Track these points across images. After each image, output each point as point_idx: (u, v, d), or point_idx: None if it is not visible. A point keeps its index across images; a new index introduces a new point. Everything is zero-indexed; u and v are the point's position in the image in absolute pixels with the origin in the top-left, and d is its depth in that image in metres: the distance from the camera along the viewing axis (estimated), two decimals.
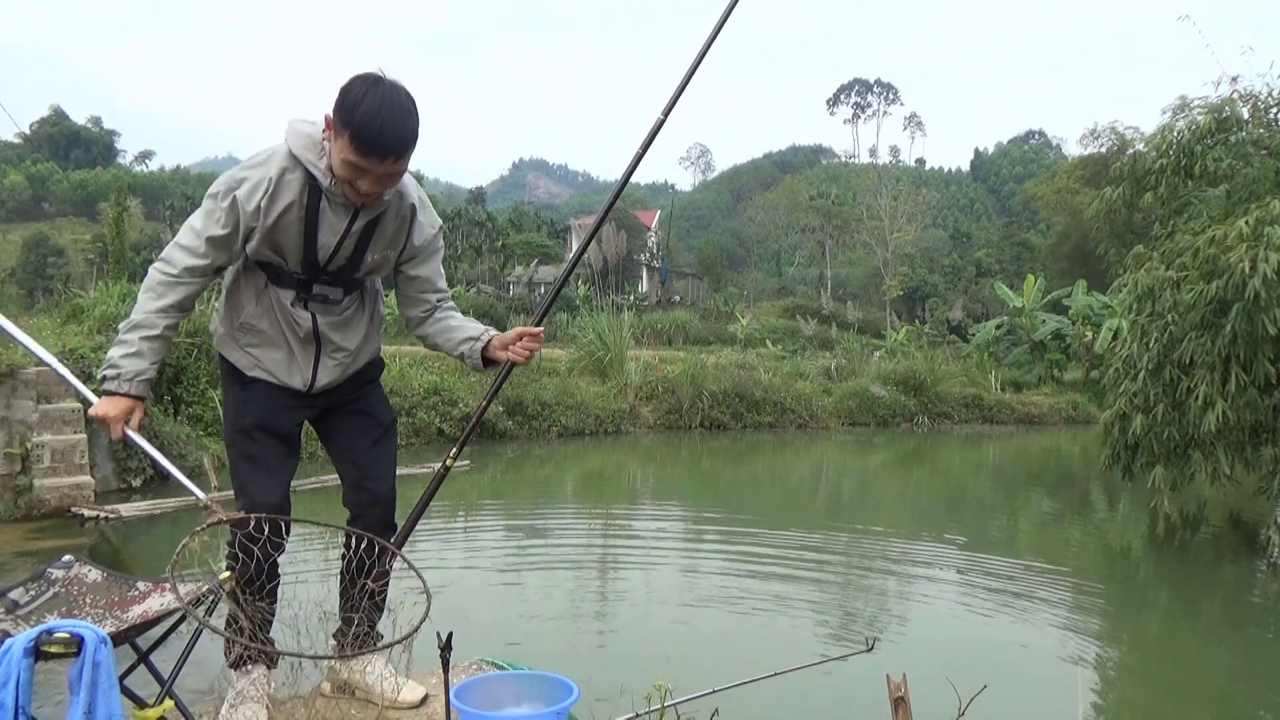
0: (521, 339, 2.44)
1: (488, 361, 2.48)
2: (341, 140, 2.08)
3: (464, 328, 2.51)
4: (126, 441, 2.29)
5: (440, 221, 2.52)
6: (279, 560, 2.37)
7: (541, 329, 2.46)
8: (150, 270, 2.25)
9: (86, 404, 2.34)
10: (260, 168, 2.19)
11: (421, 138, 2.16)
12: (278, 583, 2.36)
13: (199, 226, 2.21)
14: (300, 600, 2.36)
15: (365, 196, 2.17)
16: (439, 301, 2.54)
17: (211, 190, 2.22)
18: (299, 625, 2.35)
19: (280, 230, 2.21)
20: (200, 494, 2.31)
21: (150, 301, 2.21)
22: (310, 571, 4.35)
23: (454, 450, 2.52)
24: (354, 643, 2.42)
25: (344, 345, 2.43)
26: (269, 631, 2.33)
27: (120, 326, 2.25)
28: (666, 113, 2.60)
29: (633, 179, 2.72)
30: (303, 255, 2.26)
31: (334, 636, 2.55)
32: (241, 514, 2.23)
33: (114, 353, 2.21)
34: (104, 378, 2.22)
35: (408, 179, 2.30)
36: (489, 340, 2.47)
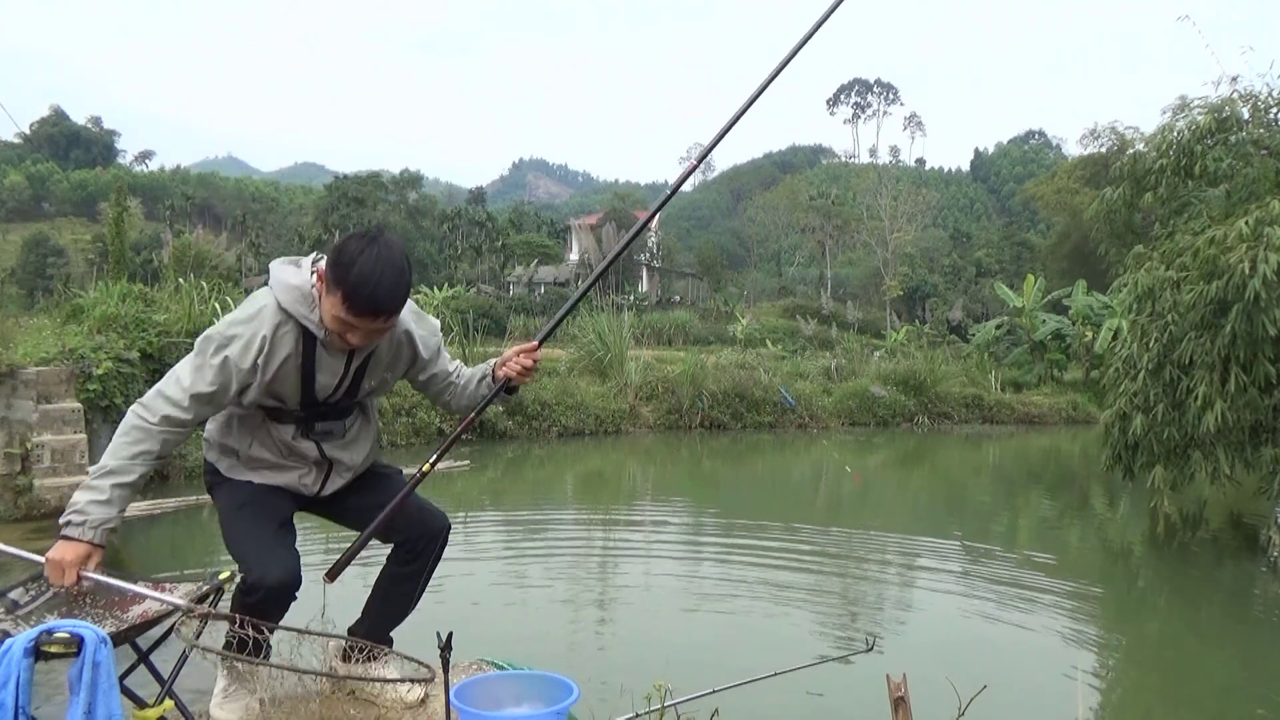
0: (517, 355, 2.43)
1: (509, 389, 2.50)
2: (334, 297, 2.09)
3: (474, 375, 2.54)
4: (79, 587, 2.10)
5: (437, 322, 2.55)
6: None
7: (537, 346, 2.44)
8: (129, 413, 2.17)
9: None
10: (251, 323, 2.17)
11: (421, 138, 2.18)
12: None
13: (186, 382, 2.15)
14: (303, 599, 2.35)
15: (355, 347, 2.21)
16: (457, 373, 2.57)
17: (201, 343, 2.18)
18: (303, 624, 2.35)
19: (279, 380, 2.23)
20: (179, 601, 2.18)
21: (126, 447, 2.12)
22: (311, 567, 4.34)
23: (433, 457, 2.45)
24: (359, 654, 2.44)
25: (352, 463, 2.47)
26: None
27: (92, 470, 2.16)
28: (701, 159, 2.78)
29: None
30: (301, 397, 2.29)
31: (349, 631, 2.56)
32: (226, 614, 2.15)
33: (81, 497, 2.08)
34: (67, 522, 2.06)
35: None
36: (493, 368, 2.50)
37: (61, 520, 2.07)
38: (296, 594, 2.28)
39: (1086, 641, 4.75)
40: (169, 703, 2.20)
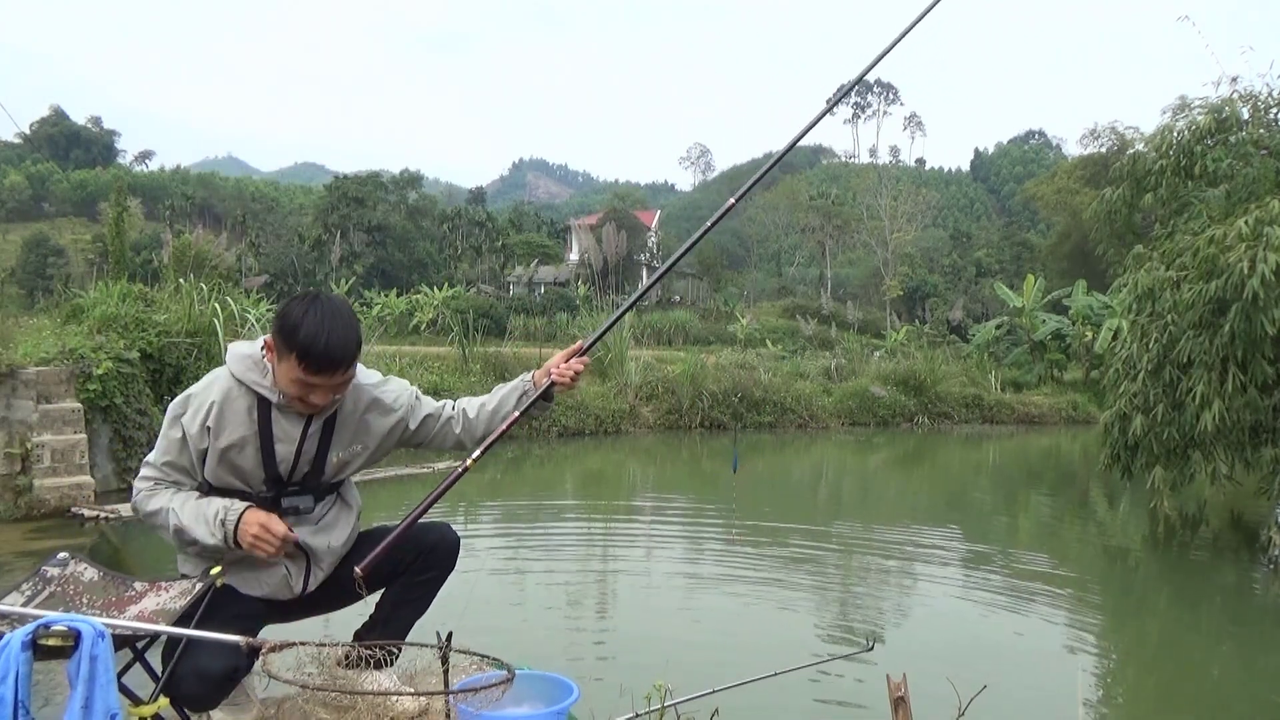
0: (569, 359, 2.43)
1: (545, 397, 2.46)
2: (288, 362, 2.11)
3: (505, 392, 2.48)
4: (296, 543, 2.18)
5: (408, 384, 2.47)
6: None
7: (585, 350, 2.44)
8: (137, 510, 2.25)
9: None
10: (203, 393, 2.22)
11: (421, 138, 2.18)
12: None
13: (155, 457, 2.24)
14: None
15: (318, 408, 2.20)
16: (455, 409, 2.50)
17: (167, 413, 2.26)
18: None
19: (235, 449, 2.20)
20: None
21: (161, 500, 2.21)
22: None
23: (476, 453, 2.40)
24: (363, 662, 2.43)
25: (331, 549, 2.37)
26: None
27: (180, 535, 2.18)
28: (739, 198, 2.75)
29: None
30: (264, 473, 2.24)
31: (355, 636, 2.54)
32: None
33: (208, 521, 2.13)
34: (222, 522, 2.12)
35: (358, 370, 2.30)
36: (532, 377, 2.48)
37: (220, 537, 2.11)
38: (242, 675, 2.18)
39: (1086, 641, 4.75)
40: (164, 700, 2.19)
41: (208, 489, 2.25)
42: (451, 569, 2.56)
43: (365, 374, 2.37)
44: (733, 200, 2.72)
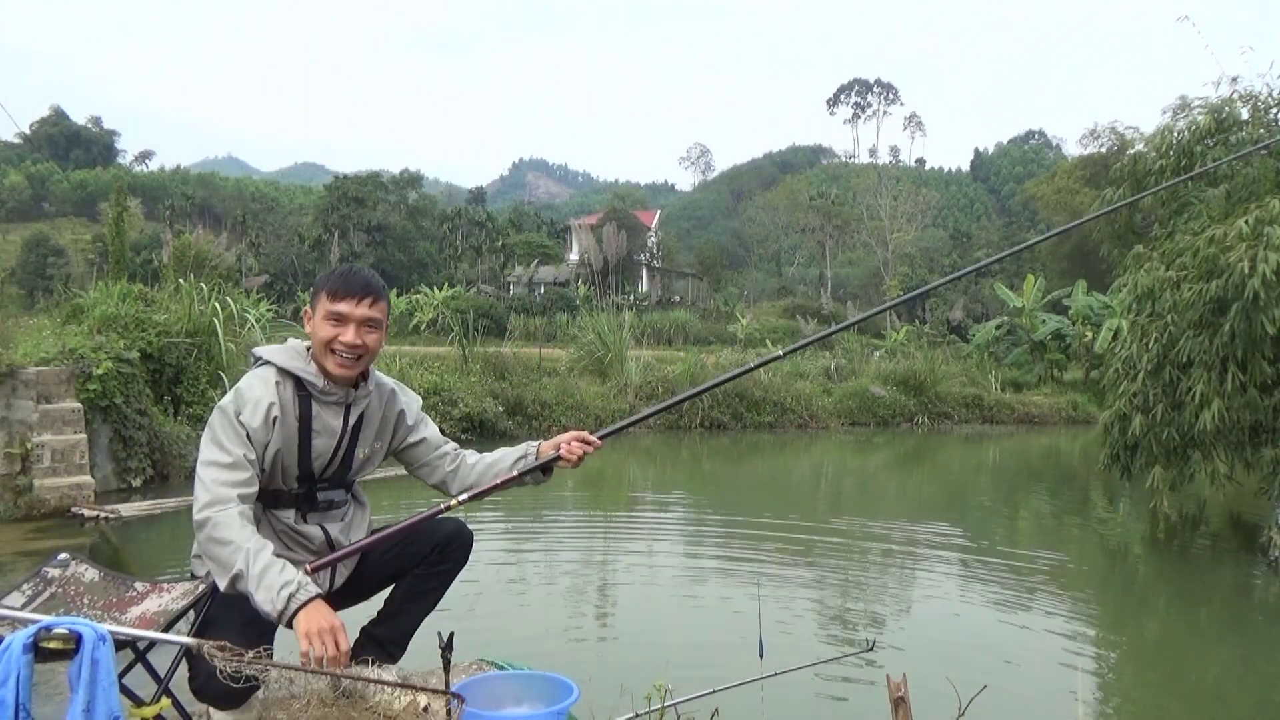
0: (577, 440, 2.45)
1: (544, 469, 2.49)
2: (320, 302, 2.28)
3: (507, 453, 2.53)
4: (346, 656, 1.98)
5: (419, 398, 2.60)
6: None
7: (600, 440, 2.47)
8: (204, 525, 2.08)
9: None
10: (252, 390, 2.23)
11: (421, 138, 2.23)
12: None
13: (216, 472, 2.13)
14: None
15: (349, 353, 2.25)
16: (455, 450, 2.57)
17: (216, 416, 2.21)
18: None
19: (282, 443, 2.25)
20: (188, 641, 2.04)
21: (235, 533, 2.07)
22: None
23: (462, 496, 2.43)
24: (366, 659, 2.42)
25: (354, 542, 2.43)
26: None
27: (238, 581, 2.03)
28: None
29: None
30: (298, 469, 2.30)
31: (362, 631, 2.55)
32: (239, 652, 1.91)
33: (270, 584, 1.99)
34: (286, 605, 1.97)
35: (378, 374, 2.45)
36: (539, 447, 2.50)
37: (279, 609, 1.97)
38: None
39: (1086, 641, 4.75)
40: (166, 701, 2.20)
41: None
42: (464, 564, 2.59)
43: (387, 379, 2.51)
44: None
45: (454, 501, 2.39)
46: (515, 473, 2.46)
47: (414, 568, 2.51)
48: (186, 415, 8.95)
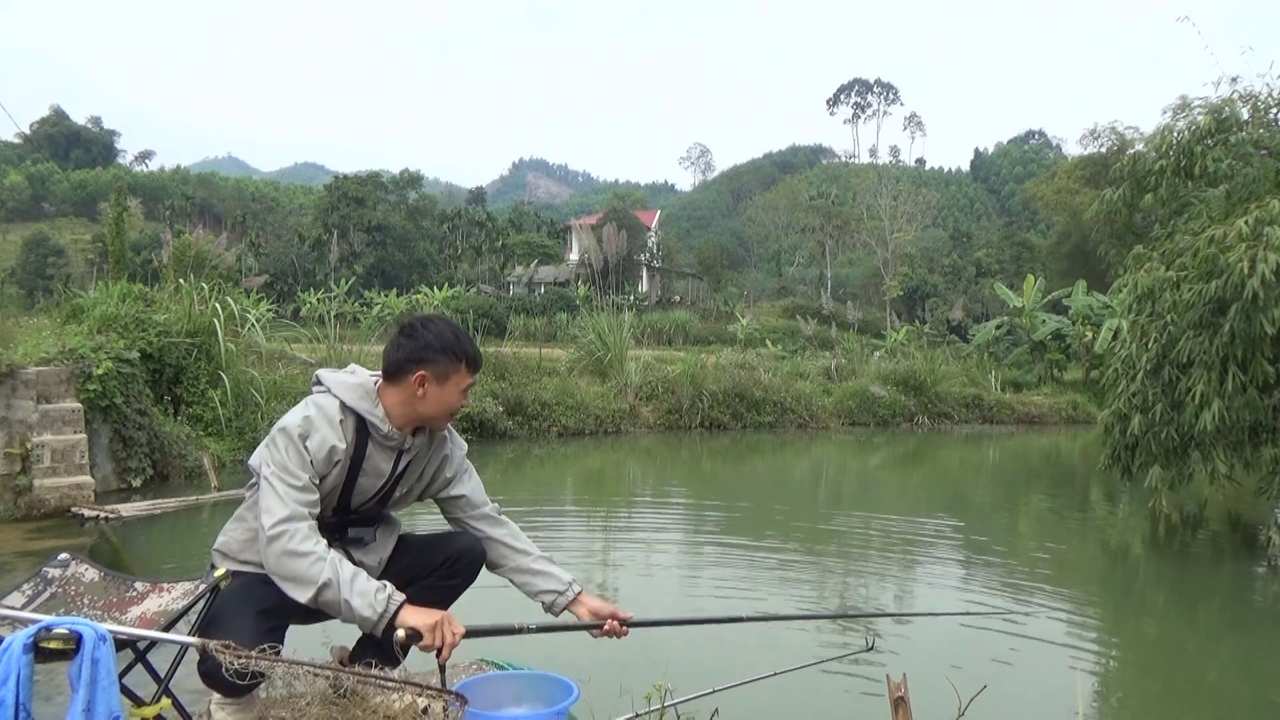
0: (612, 621, 2.44)
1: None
2: (457, 373, 2.29)
3: (547, 574, 2.51)
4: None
5: (465, 444, 2.58)
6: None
7: (625, 629, 2.48)
8: (279, 537, 2.09)
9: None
10: (320, 419, 2.24)
11: (421, 138, 2.22)
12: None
13: (295, 469, 2.16)
14: None
15: (453, 415, 2.37)
16: (495, 515, 2.57)
17: (278, 436, 2.21)
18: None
19: (333, 478, 2.27)
20: (191, 641, 2.06)
21: (306, 562, 2.08)
22: None
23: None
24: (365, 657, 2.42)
25: (377, 565, 2.45)
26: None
27: (325, 591, 2.06)
28: None
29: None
30: (337, 502, 2.32)
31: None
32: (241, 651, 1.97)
33: (361, 598, 2.06)
34: (388, 599, 2.08)
35: None
36: (576, 595, 2.49)
37: (380, 610, 2.05)
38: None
39: (1086, 641, 4.75)
40: (166, 701, 2.20)
41: None
42: (473, 580, 2.57)
43: None
44: None
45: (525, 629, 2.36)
46: (542, 606, 2.51)
47: (423, 578, 2.49)
48: (186, 415, 8.96)
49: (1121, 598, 6.02)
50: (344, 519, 2.37)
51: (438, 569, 2.50)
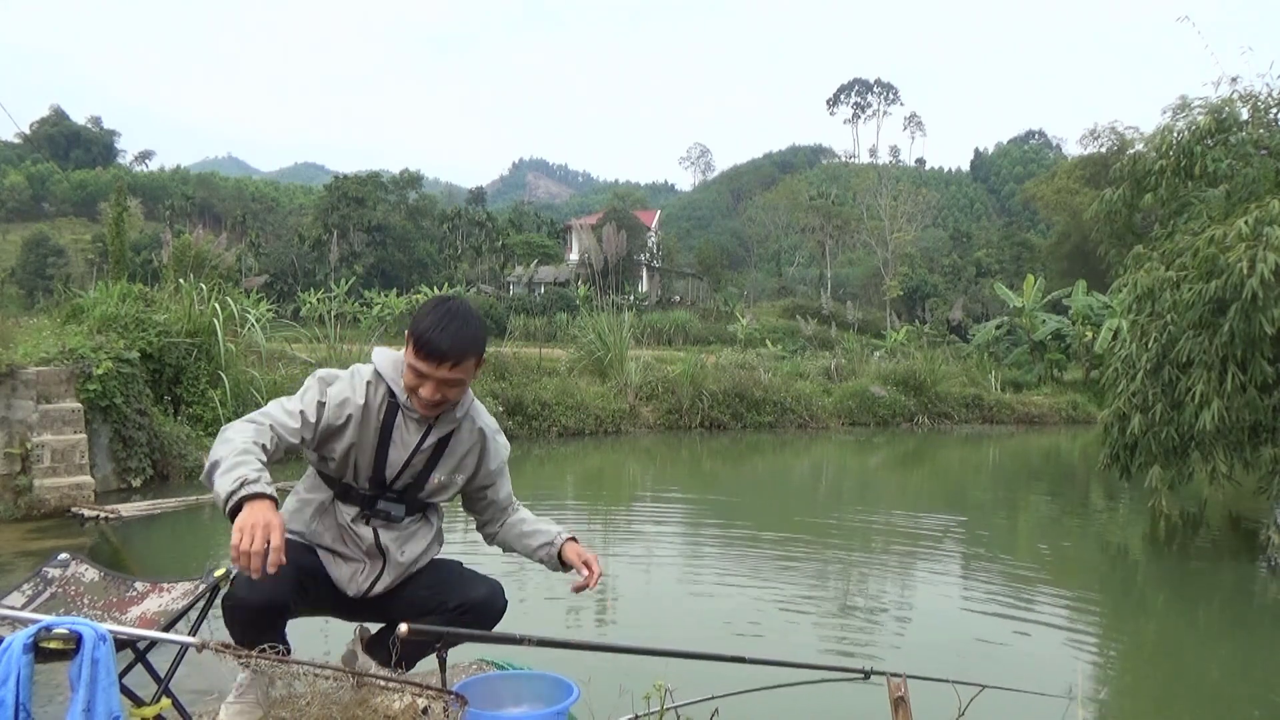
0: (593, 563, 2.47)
1: (564, 563, 2.53)
2: (409, 348, 2.27)
3: (537, 532, 2.55)
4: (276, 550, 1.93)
5: (509, 445, 2.60)
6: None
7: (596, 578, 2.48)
8: (226, 428, 2.16)
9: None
10: (350, 379, 2.34)
11: (422, 138, 2.20)
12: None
13: (292, 404, 2.27)
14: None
15: (427, 404, 2.28)
16: (513, 508, 2.62)
17: (309, 380, 2.34)
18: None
19: (358, 447, 2.30)
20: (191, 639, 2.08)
21: (241, 437, 2.12)
22: None
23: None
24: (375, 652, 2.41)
25: (406, 559, 2.43)
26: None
27: (213, 470, 2.05)
28: None
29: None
30: (372, 472, 2.34)
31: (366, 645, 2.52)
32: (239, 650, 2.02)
33: (230, 474, 2.00)
34: (242, 483, 1.98)
35: (482, 409, 2.48)
36: (564, 542, 2.52)
37: (228, 492, 1.96)
38: (287, 617, 2.24)
39: (1086, 641, 4.75)
40: (166, 701, 2.20)
41: (317, 462, 2.37)
42: (486, 628, 2.50)
43: (489, 419, 2.52)
44: None
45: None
46: (543, 563, 2.55)
47: (433, 613, 2.44)
48: (186, 415, 8.95)
49: (1121, 597, 6.02)
50: (381, 493, 2.37)
51: (450, 610, 2.44)
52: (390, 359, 2.36)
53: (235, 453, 2.05)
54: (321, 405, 2.26)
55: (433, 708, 2.38)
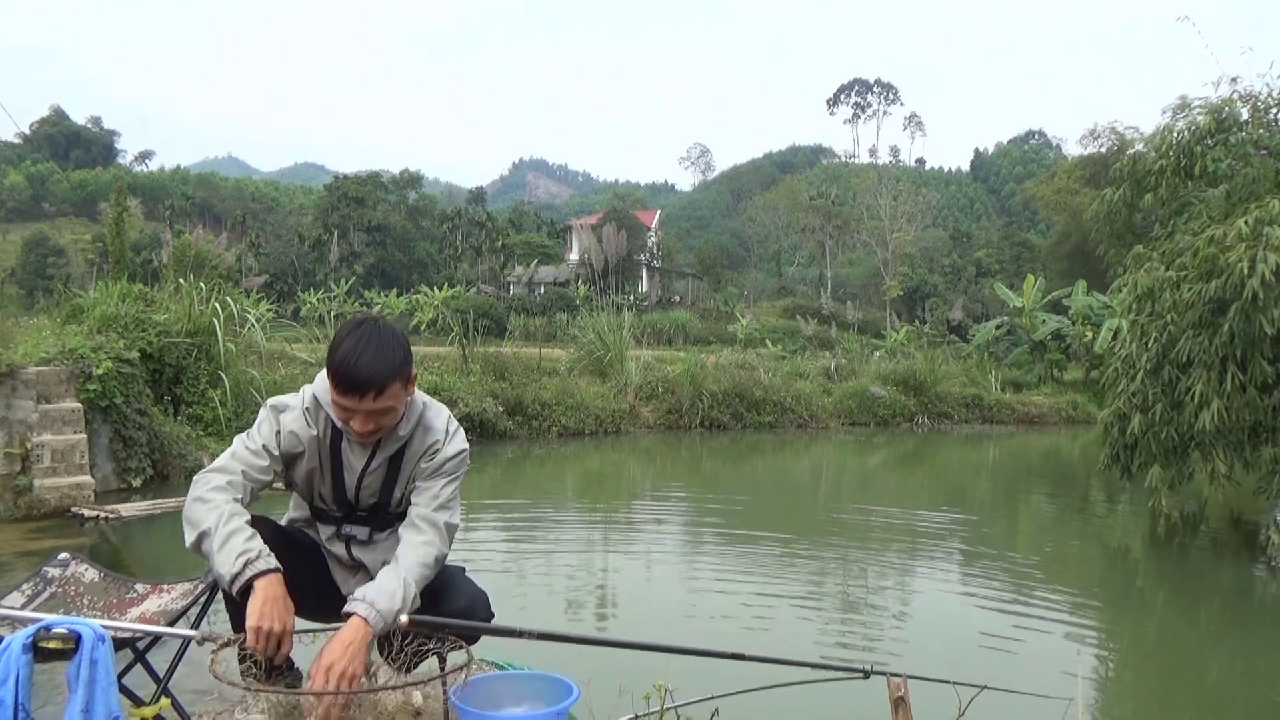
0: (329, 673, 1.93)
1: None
2: (330, 382, 2.14)
3: (383, 569, 2.17)
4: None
5: (466, 448, 2.37)
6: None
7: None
8: (197, 483, 2.11)
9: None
10: (296, 405, 2.28)
11: (422, 138, 2.16)
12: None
13: (252, 443, 2.21)
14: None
15: (362, 435, 2.19)
16: (427, 521, 2.25)
17: (262, 412, 2.29)
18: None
19: (316, 472, 2.28)
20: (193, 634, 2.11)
21: (217, 497, 2.06)
22: None
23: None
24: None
25: (382, 565, 2.33)
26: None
27: (204, 540, 2.01)
28: None
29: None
30: (334, 495, 2.32)
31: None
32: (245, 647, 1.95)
33: (231, 548, 1.96)
34: (246, 563, 1.94)
35: (438, 414, 2.33)
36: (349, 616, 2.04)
37: (234, 572, 1.92)
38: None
39: (1086, 641, 4.75)
40: (165, 701, 2.20)
41: (292, 486, 2.34)
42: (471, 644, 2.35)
43: (442, 424, 2.34)
44: None
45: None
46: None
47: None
48: (186, 415, 8.95)
49: (1121, 597, 6.02)
50: (349, 515, 2.36)
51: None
52: (325, 384, 2.24)
53: (222, 520, 2.01)
54: (278, 434, 2.22)
55: (428, 706, 2.39)
